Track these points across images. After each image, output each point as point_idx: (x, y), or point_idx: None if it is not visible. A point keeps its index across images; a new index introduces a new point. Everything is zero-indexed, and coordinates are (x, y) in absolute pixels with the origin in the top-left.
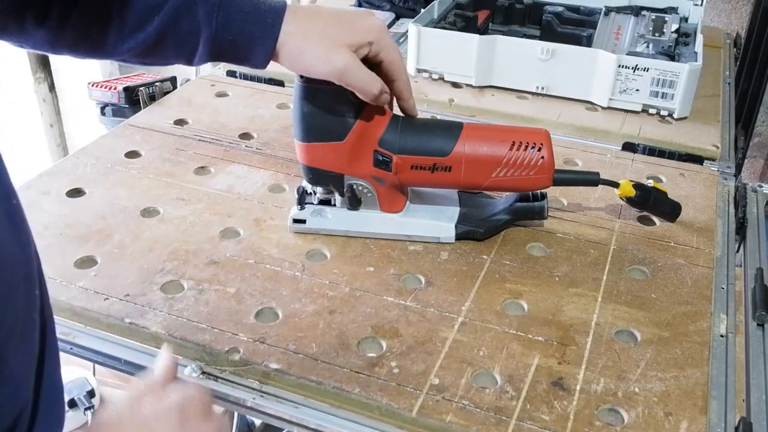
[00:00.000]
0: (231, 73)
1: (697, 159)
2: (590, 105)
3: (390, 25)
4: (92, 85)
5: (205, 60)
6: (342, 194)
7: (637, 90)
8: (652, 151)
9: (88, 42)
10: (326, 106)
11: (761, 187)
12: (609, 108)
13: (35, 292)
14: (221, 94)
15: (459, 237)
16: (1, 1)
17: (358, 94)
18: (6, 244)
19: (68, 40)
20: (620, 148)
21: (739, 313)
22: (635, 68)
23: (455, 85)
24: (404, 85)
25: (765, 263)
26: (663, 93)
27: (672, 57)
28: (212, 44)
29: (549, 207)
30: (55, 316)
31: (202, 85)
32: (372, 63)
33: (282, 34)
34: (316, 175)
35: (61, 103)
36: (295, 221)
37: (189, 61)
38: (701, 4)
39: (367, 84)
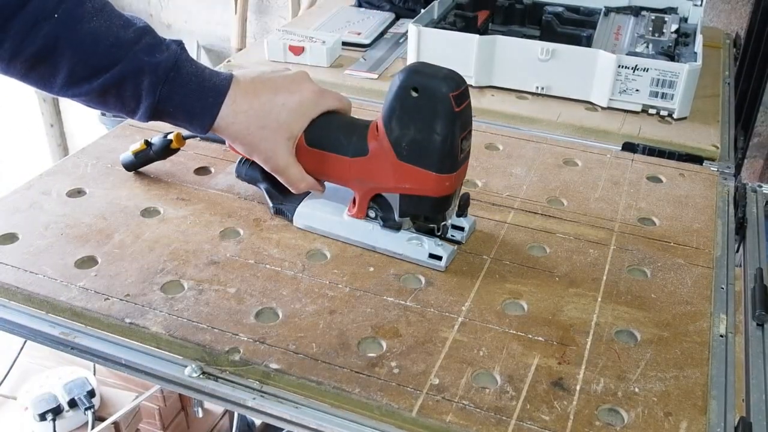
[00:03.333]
0: None
1: (696, 159)
2: (590, 105)
3: (390, 25)
4: None
5: (145, 120)
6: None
7: (637, 90)
8: (651, 151)
9: (37, 78)
10: None
11: (761, 187)
12: (609, 108)
13: None
14: None
15: None
16: None
17: (285, 185)
18: None
19: (19, 71)
20: (620, 148)
21: (739, 313)
22: (635, 68)
23: None
24: None
25: (765, 263)
26: (663, 93)
27: (672, 57)
28: (152, 111)
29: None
30: (55, 316)
31: None
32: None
33: (219, 119)
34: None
35: (61, 103)
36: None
37: (130, 117)
38: (701, 5)
39: (296, 181)
